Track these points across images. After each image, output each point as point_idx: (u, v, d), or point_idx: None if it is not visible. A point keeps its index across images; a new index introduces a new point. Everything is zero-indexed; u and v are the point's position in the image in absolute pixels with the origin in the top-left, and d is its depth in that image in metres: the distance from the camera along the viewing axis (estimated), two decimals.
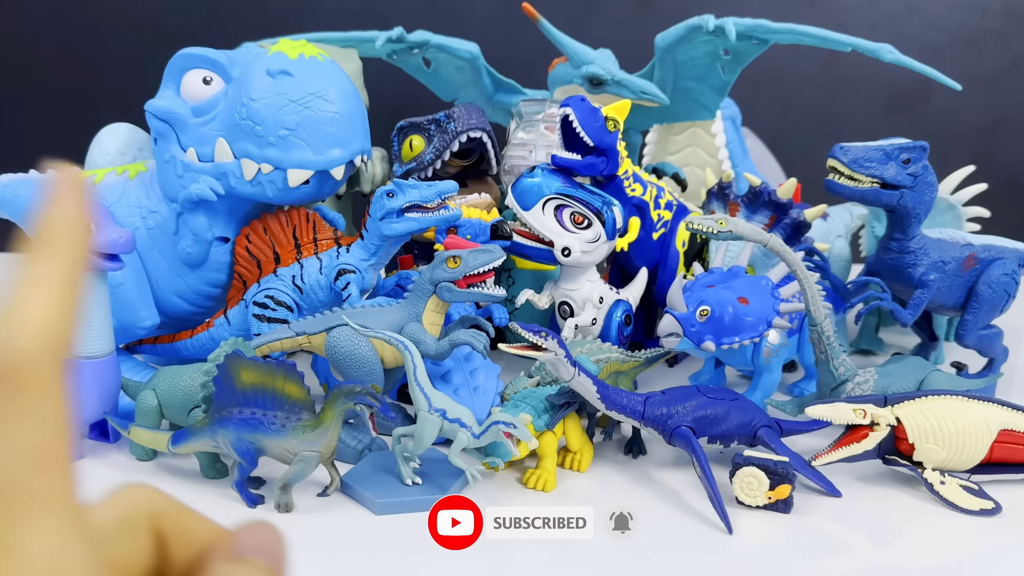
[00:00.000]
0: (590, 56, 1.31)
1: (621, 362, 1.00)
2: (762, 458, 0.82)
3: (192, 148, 1.00)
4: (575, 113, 1.06)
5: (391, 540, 0.77)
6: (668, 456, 0.95)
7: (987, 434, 0.86)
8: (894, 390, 0.94)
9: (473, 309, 1.12)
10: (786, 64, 2.00)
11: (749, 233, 0.92)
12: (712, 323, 0.92)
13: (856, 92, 2.04)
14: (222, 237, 1.05)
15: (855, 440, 0.87)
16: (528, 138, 1.28)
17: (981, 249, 1.11)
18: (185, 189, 1.00)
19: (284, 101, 0.95)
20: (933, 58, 1.29)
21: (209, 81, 0.99)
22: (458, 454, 0.83)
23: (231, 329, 1.06)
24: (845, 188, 1.04)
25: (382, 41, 1.38)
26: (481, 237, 1.10)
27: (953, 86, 1.19)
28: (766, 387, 1.02)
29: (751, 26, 1.21)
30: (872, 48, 1.19)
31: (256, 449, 0.81)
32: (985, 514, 0.83)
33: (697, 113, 1.40)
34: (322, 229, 1.06)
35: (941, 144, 1.33)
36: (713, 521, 0.80)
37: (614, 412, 0.87)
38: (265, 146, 0.96)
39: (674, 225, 1.21)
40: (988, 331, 1.13)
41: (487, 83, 1.45)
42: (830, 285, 1.12)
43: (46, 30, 2.05)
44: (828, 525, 0.81)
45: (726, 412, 0.88)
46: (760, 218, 1.14)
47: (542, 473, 0.87)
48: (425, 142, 1.21)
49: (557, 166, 1.08)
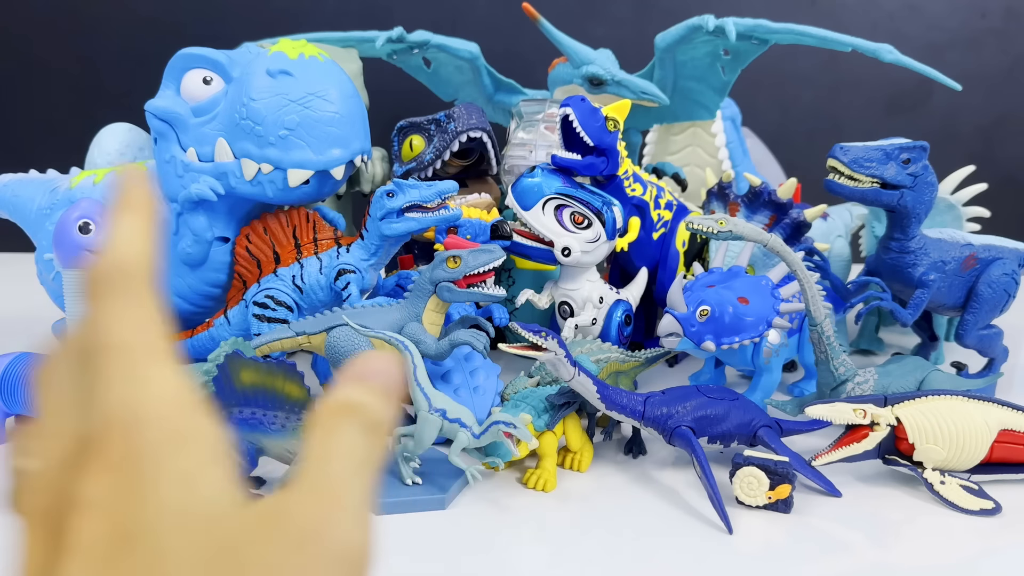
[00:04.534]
0: (590, 56, 1.31)
1: (621, 362, 1.00)
2: (762, 458, 0.82)
3: (192, 148, 1.00)
4: (575, 113, 1.06)
5: (391, 540, 0.77)
6: (668, 456, 0.95)
7: (987, 434, 0.86)
8: (894, 390, 0.94)
9: (473, 309, 1.12)
10: (786, 64, 2.00)
11: (749, 233, 0.92)
12: (712, 323, 0.92)
13: (856, 92, 2.05)
14: (222, 237, 1.05)
15: (855, 440, 0.87)
16: (528, 138, 1.28)
17: (981, 249, 1.11)
18: (185, 189, 1.00)
19: (284, 101, 0.95)
20: (933, 58, 1.29)
21: (209, 81, 0.99)
22: (458, 454, 0.83)
23: (231, 329, 1.06)
24: (845, 188, 1.04)
25: (382, 41, 1.38)
26: (481, 237, 1.10)
27: (953, 86, 1.19)
28: (766, 387, 1.02)
29: (751, 26, 1.21)
30: (872, 48, 1.19)
31: (256, 449, 0.81)
32: (985, 514, 0.83)
33: (697, 113, 1.40)
34: (322, 229, 1.06)
35: (941, 144, 1.33)
36: (713, 521, 0.80)
37: (614, 412, 0.87)
38: (265, 146, 0.96)
39: (674, 225, 1.21)
40: (988, 331, 1.13)
41: (487, 83, 1.45)
42: (830, 285, 1.12)
43: (46, 30, 2.05)
44: (828, 525, 0.81)
45: (726, 412, 0.88)
46: (760, 218, 1.14)
47: (542, 473, 0.87)
48: (425, 142, 1.21)
49: (557, 166, 1.08)
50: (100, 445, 0.24)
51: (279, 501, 0.25)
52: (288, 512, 0.24)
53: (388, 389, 0.28)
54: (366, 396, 0.28)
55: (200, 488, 0.24)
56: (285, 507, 0.25)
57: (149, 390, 0.24)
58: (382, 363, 0.29)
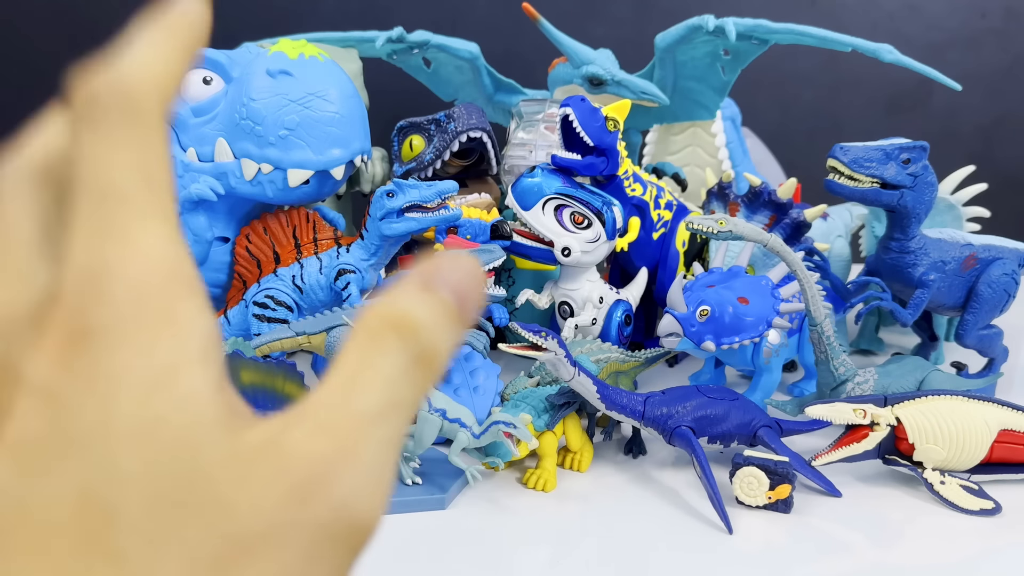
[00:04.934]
0: (590, 56, 1.31)
1: (621, 362, 1.00)
2: (762, 458, 0.82)
3: (192, 148, 1.00)
4: (575, 113, 1.06)
5: (391, 540, 0.77)
6: (668, 456, 0.95)
7: (987, 434, 0.86)
8: (894, 390, 0.94)
9: None
10: (786, 64, 2.00)
11: (749, 233, 0.92)
12: (712, 323, 0.92)
13: (856, 92, 2.04)
14: (222, 237, 1.05)
15: (855, 440, 0.87)
16: (528, 138, 1.28)
17: (981, 249, 1.11)
18: (185, 189, 1.00)
19: (284, 101, 0.95)
20: (933, 58, 1.29)
21: (209, 81, 0.99)
22: (458, 454, 0.83)
23: (231, 329, 1.06)
24: (845, 188, 1.04)
25: (382, 41, 1.38)
26: (481, 237, 1.10)
27: (953, 86, 1.19)
28: (766, 387, 1.02)
29: (751, 26, 1.21)
30: (872, 48, 1.19)
31: None
32: (985, 514, 0.83)
33: (697, 113, 1.40)
34: (322, 229, 1.06)
35: (941, 144, 1.33)
36: (713, 521, 0.80)
37: (614, 412, 0.87)
38: (265, 146, 0.96)
39: (674, 225, 1.21)
40: (988, 331, 1.13)
41: (487, 83, 1.45)
42: (830, 285, 1.12)
43: (46, 29, 2.05)
44: (828, 525, 0.81)
45: (726, 412, 0.88)
46: (760, 218, 1.14)
47: (542, 473, 0.87)
48: (425, 142, 1.21)
49: (557, 166, 1.08)
50: (57, 312, 0.18)
51: (280, 430, 0.19)
52: (287, 448, 0.19)
53: (462, 306, 0.21)
54: (428, 311, 0.21)
55: (174, 393, 0.18)
56: (285, 441, 0.19)
57: (131, 251, 0.18)
58: (463, 266, 0.22)
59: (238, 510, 0.18)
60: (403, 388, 0.20)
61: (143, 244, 0.18)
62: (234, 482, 0.18)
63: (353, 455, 0.19)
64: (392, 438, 0.20)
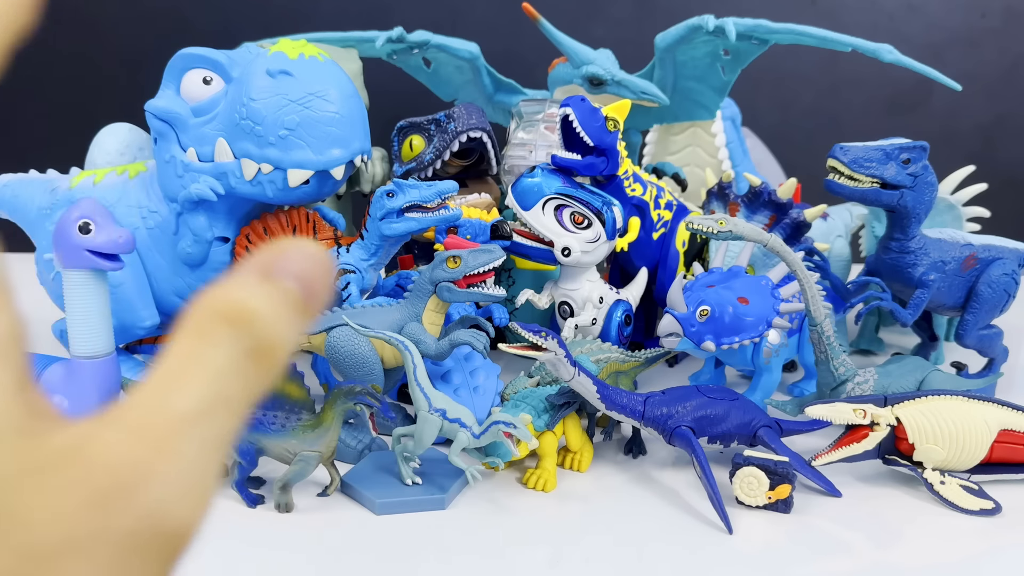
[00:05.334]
0: (590, 56, 1.31)
1: (621, 362, 1.00)
2: (762, 458, 0.82)
3: (192, 148, 1.00)
4: (575, 113, 1.06)
5: (391, 540, 0.77)
6: (668, 456, 0.95)
7: (987, 434, 0.86)
8: (894, 390, 0.94)
9: (473, 309, 1.12)
10: (786, 64, 2.00)
11: (749, 233, 0.92)
12: (712, 323, 0.92)
13: (856, 92, 2.04)
14: (222, 237, 1.05)
15: (855, 440, 0.87)
16: (528, 138, 1.28)
17: (981, 249, 1.11)
18: (185, 189, 1.00)
19: (284, 101, 0.95)
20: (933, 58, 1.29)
21: (209, 81, 0.99)
22: (458, 454, 0.83)
23: None
24: (845, 188, 1.05)
25: (382, 41, 1.38)
26: (481, 237, 1.10)
27: (953, 86, 1.19)
28: (766, 387, 1.02)
29: (751, 26, 1.21)
30: (872, 48, 1.19)
31: (256, 449, 0.81)
32: (985, 514, 0.83)
33: (697, 113, 1.40)
34: (322, 229, 1.06)
35: (941, 144, 1.33)
36: (713, 521, 0.80)
37: (614, 412, 0.87)
38: (265, 146, 0.96)
39: (674, 225, 1.21)
40: (988, 331, 1.13)
41: (487, 83, 1.45)
42: (830, 285, 1.12)
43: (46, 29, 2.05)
44: (828, 525, 0.81)
45: (726, 412, 0.88)
46: (760, 218, 1.14)
47: (542, 473, 0.87)
48: (425, 142, 1.21)
49: (557, 166, 1.08)
50: None
51: (89, 434, 0.18)
52: (91, 454, 0.17)
53: (307, 295, 0.20)
54: (266, 301, 0.19)
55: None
56: (91, 445, 0.17)
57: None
58: (307, 254, 0.20)
59: (33, 521, 0.16)
60: (233, 383, 0.19)
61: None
62: (29, 491, 0.16)
63: (167, 458, 0.18)
64: (217, 437, 0.18)
